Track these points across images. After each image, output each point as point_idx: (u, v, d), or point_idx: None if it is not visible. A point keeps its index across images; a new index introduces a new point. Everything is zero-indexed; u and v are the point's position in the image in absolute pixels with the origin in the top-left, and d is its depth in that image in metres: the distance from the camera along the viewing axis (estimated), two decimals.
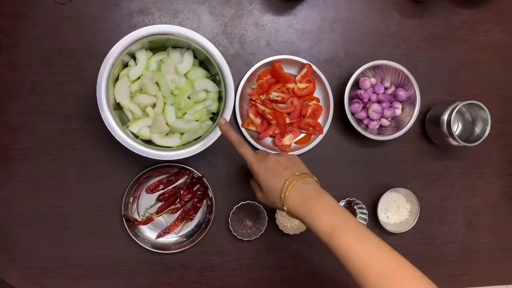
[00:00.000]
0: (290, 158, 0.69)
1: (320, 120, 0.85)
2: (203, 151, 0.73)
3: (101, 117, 0.70)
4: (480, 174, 0.93)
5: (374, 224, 0.88)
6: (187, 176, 0.83)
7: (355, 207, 0.87)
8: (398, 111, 0.85)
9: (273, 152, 0.74)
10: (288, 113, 0.84)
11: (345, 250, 0.59)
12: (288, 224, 0.86)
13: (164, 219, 0.84)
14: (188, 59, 0.76)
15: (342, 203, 0.87)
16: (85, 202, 0.81)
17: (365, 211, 0.87)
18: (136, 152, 0.71)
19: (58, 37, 0.80)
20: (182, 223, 0.83)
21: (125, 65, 0.76)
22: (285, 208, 0.65)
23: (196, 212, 0.83)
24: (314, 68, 0.84)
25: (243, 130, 0.83)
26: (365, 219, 0.87)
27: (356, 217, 0.88)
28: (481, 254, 0.94)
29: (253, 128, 0.84)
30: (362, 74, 0.83)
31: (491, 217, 0.93)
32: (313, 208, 0.62)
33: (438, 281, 0.93)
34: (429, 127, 0.89)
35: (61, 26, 0.80)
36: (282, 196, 0.64)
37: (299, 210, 0.63)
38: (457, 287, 0.93)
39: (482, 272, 0.93)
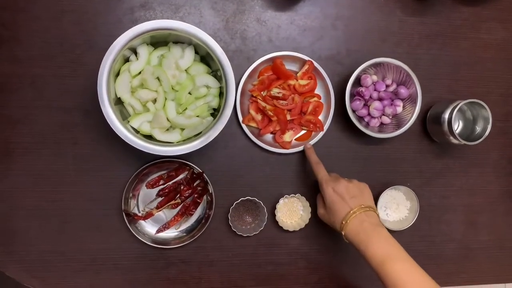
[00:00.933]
0: (359, 187, 0.75)
1: (321, 117, 0.85)
2: (203, 146, 0.73)
3: (102, 112, 0.70)
4: (480, 173, 0.93)
5: None
6: (187, 172, 0.83)
7: None
8: (399, 109, 0.85)
9: (344, 179, 0.77)
10: (289, 110, 0.84)
11: (394, 279, 0.64)
12: (287, 221, 0.86)
13: (164, 214, 0.84)
14: (189, 55, 0.76)
15: None
16: (85, 197, 0.82)
17: None
18: (137, 147, 0.71)
19: (59, 31, 0.80)
20: (182, 219, 0.84)
21: (126, 60, 0.76)
22: (343, 233, 0.72)
23: (196, 208, 0.83)
24: (316, 64, 0.83)
25: (243, 126, 0.83)
26: None
27: None
28: (480, 253, 0.94)
29: (253, 125, 0.84)
30: (364, 71, 0.83)
31: (491, 216, 0.93)
32: (369, 237, 0.68)
33: (437, 279, 0.94)
34: (430, 125, 0.89)
35: (62, 19, 0.80)
36: (343, 222, 0.72)
37: (355, 237, 0.70)
38: (455, 285, 0.93)
39: (480, 271, 0.94)
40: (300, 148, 0.84)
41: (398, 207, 0.89)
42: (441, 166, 0.92)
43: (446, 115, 0.82)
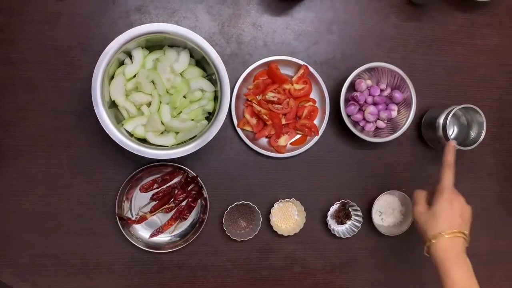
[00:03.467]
0: (470, 214, 0.74)
1: (316, 122, 0.85)
2: (198, 150, 0.73)
3: (96, 115, 0.70)
4: (475, 178, 0.93)
5: (369, 226, 0.88)
6: (181, 176, 0.83)
7: (349, 209, 0.87)
8: (394, 113, 0.85)
9: (463, 198, 0.75)
10: (284, 114, 0.84)
11: None
12: (282, 225, 0.86)
13: (158, 218, 0.83)
14: (184, 58, 0.76)
15: (336, 205, 0.86)
16: (78, 200, 0.81)
17: (359, 213, 0.87)
18: (131, 151, 0.71)
19: (54, 34, 0.79)
20: (176, 223, 0.83)
21: (121, 63, 0.76)
22: (432, 241, 0.70)
23: (190, 212, 0.83)
24: (311, 69, 0.84)
25: (238, 130, 0.83)
26: (359, 221, 0.87)
27: (351, 219, 0.88)
28: (474, 258, 0.93)
29: (248, 129, 0.84)
30: (358, 76, 0.83)
31: (485, 221, 0.93)
32: (457, 260, 0.69)
33: (431, 284, 0.94)
34: (424, 130, 0.89)
35: (57, 22, 0.79)
36: (439, 233, 0.70)
37: (441, 254, 0.69)
38: None
39: (476, 276, 0.93)
40: (296, 153, 0.84)
41: (393, 212, 0.89)
42: (435, 171, 0.90)
43: (441, 120, 0.83)
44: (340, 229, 0.88)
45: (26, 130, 0.79)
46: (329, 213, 0.86)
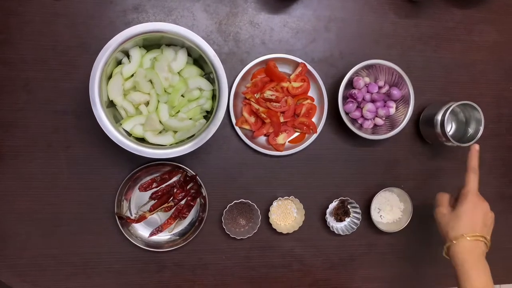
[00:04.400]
0: (493, 220, 0.76)
1: (314, 119, 0.85)
2: (196, 149, 0.73)
3: (94, 115, 0.70)
4: None
5: (368, 223, 0.88)
6: (180, 175, 0.83)
7: (348, 206, 0.87)
8: (392, 110, 0.85)
9: (487, 203, 0.77)
10: (282, 112, 0.84)
11: None
12: (281, 223, 0.86)
13: (158, 217, 0.83)
14: (182, 57, 0.76)
15: (335, 202, 0.87)
16: (77, 200, 0.81)
17: (358, 210, 0.87)
18: (129, 150, 0.71)
19: (52, 34, 0.79)
20: (175, 222, 0.83)
21: (119, 63, 0.76)
22: (453, 242, 0.72)
23: (189, 211, 0.83)
24: (309, 67, 0.84)
25: (237, 128, 0.83)
26: (358, 219, 0.87)
27: (349, 216, 0.88)
28: None
29: (247, 127, 0.84)
30: (356, 73, 0.83)
31: None
32: (478, 263, 0.70)
33: (430, 281, 0.94)
34: (423, 127, 0.89)
35: (55, 22, 0.79)
36: (461, 235, 0.71)
37: (462, 256, 0.71)
38: (449, 286, 0.93)
39: None
40: (294, 150, 0.84)
41: (392, 208, 0.89)
42: (434, 167, 0.92)
43: (439, 117, 0.83)
44: (339, 226, 0.88)
45: (25, 130, 0.79)
46: (328, 211, 0.87)
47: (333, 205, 0.87)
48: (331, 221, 0.88)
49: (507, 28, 0.93)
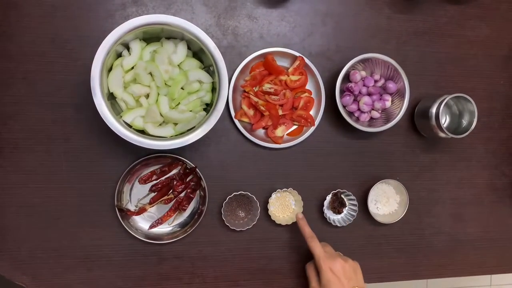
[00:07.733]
0: (353, 267, 0.77)
1: (312, 112, 0.87)
2: (196, 142, 0.74)
3: (94, 107, 0.70)
4: (466, 166, 0.95)
5: (364, 215, 0.90)
6: (180, 167, 0.84)
7: (345, 198, 0.89)
8: (388, 103, 0.87)
9: (339, 257, 0.77)
10: (281, 105, 0.85)
11: None
12: (280, 215, 0.87)
13: (157, 210, 0.84)
14: (182, 50, 0.77)
15: (329, 197, 0.88)
16: (77, 192, 0.81)
17: (355, 202, 0.88)
18: (130, 141, 0.71)
19: (51, 26, 0.79)
20: (175, 214, 0.84)
21: (119, 55, 0.76)
22: None
23: (189, 203, 0.84)
24: (306, 60, 0.85)
25: (236, 121, 0.83)
26: (355, 210, 0.88)
27: (346, 208, 0.89)
28: (468, 245, 0.96)
29: (246, 120, 0.85)
30: (353, 67, 0.85)
31: (477, 208, 0.96)
32: None
33: (426, 271, 0.96)
34: (418, 120, 0.91)
35: (54, 15, 0.79)
36: None
37: None
38: (444, 277, 0.95)
39: (468, 262, 0.96)
40: (292, 143, 0.85)
41: (388, 200, 0.91)
42: (429, 160, 0.94)
43: (434, 110, 0.84)
44: (336, 218, 0.89)
45: (24, 123, 0.79)
46: (325, 202, 0.88)
47: (328, 200, 0.88)
48: (328, 213, 0.89)
49: (498, 23, 0.95)
